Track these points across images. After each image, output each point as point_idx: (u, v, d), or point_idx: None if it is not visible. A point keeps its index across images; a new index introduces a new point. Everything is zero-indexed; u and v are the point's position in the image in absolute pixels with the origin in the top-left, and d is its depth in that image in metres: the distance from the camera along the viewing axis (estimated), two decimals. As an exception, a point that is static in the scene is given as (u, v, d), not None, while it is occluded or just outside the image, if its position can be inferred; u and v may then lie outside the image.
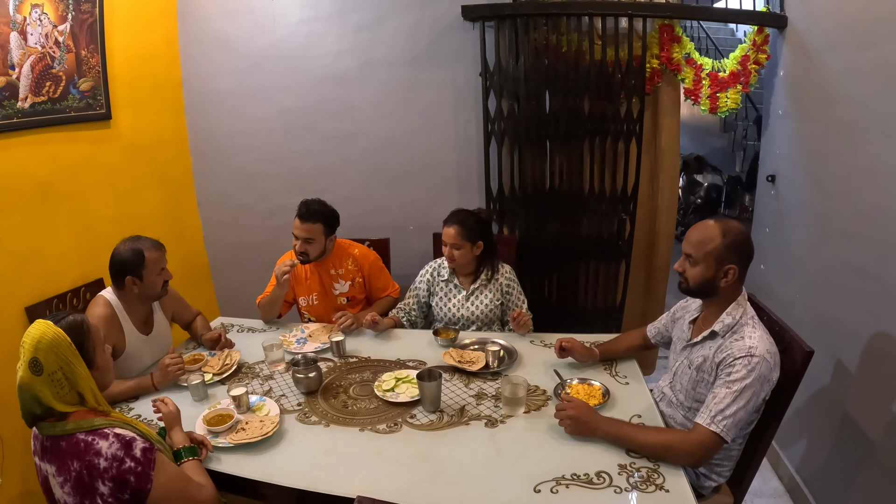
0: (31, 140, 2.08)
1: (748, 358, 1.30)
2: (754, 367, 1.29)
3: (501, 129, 2.59)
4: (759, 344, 1.32)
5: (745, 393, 1.29)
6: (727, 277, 1.39)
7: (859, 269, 1.83)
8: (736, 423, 1.28)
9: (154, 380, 1.71)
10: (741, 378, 1.29)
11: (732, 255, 1.38)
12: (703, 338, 1.46)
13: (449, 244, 2.06)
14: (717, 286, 1.41)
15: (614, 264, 2.73)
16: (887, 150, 1.67)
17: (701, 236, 1.40)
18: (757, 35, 2.40)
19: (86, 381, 1.12)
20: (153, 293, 1.81)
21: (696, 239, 1.41)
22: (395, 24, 2.64)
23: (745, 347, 1.32)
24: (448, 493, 1.26)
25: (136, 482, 1.06)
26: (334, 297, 2.27)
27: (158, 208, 2.78)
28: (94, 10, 2.29)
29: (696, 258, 1.41)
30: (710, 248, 1.38)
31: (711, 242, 1.38)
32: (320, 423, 1.54)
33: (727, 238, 1.37)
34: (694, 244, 1.41)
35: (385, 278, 2.37)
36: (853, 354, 1.85)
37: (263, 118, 2.88)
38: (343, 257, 2.28)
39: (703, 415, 1.30)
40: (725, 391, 1.30)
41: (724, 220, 1.42)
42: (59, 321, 1.12)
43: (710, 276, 1.40)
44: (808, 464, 2.14)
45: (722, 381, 1.32)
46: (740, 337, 1.36)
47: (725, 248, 1.37)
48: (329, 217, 2.16)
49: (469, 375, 1.76)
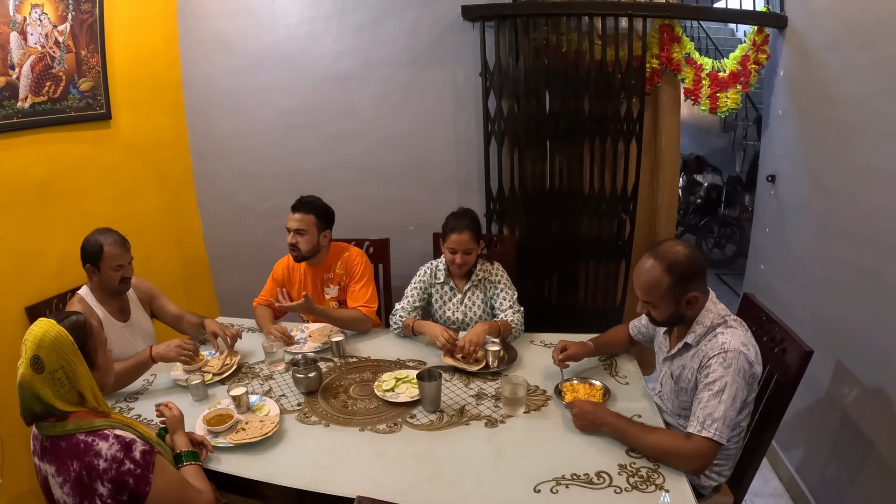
0: (31, 140, 2.08)
1: (722, 355, 1.30)
2: (731, 363, 1.29)
3: (501, 129, 2.58)
4: (731, 339, 1.32)
5: (727, 390, 1.27)
6: (692, 304, 1.38)
7: (859, 269, 1.83)
8: (727, 423, 1.26)
9: (153, 351, 1.74)
10: (720, 377, 1.29)
11: (687, 284, 1.35)
12: (679, 350, 1.46)
13: (461, 250, 2.00)
14: (685, 314, 1.40)
15: (614, 264, 2.73)
16: (887, 150, 1.67)
17: (647, 281, 1.37)
18: (757, 35, 2.40)
19: (86, 381, 1.12)
20: (109, 286, 1.85)
21: (644, 285, 1.38)
22: (394, 24, 2.64)
23: (718, 345, 1.32)
24: (448, 493, 1.26)
25: (135, 484, 1.06)
26: (326, 301, 2.24)
27: (158, 208, 2.78)
28: (94, 10, 2.29)
29: (652, 303, 1.40)
30: (661, 291, 1.36)
31: (660, 286, 1.35)
32: (320, 423, 1.54)
33: (674, 274, 1.34)
34: (645, 291, 1.39)
35: (363, 289, 2.17)
36: (853, 354, 1.85)
37: (263, 118, 2.88)
38: (335, 261, 2.23)
39: (693, 423, 1.29)
40: (708, 394, 1.29)
41: (662, 252, 1.36)
42: (62, 320, 1.12)
43: (675, 310, 1.39)
44: (808, 464, 2.14)
45: (703, 385, 1.31)
46: (713, 337, 1.36)
47: (676, 285, 1.34)
48: (323, 211, 2.13)
49: (469, 375, 1.76)
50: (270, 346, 1.85)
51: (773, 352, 1.54)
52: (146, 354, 1.74)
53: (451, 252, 2.02)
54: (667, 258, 1.35)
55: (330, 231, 2.19)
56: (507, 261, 2.41)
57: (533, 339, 2.00)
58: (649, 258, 1.38)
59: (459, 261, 2.02)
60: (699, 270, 1.37)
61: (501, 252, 2.54)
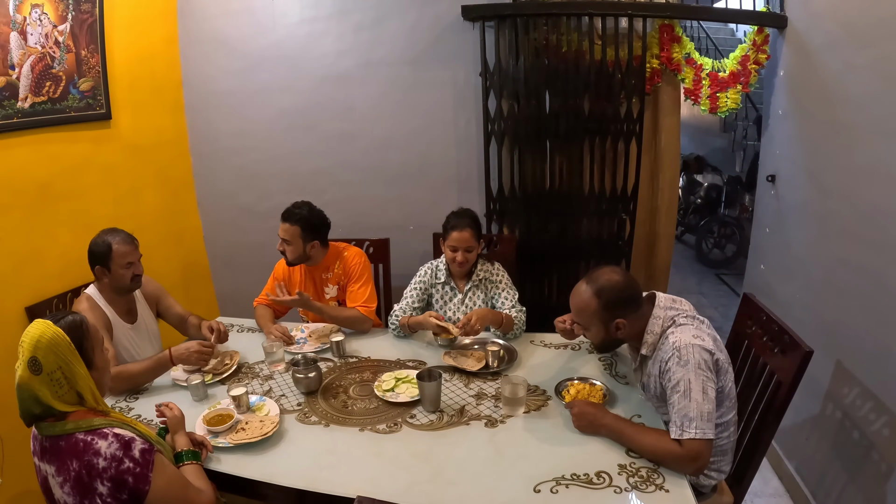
0: (31, 140, 2.08)
1: (675, 355, 1.31)
2: (687, 359, 1.29)
3: (501, 129, 2.59)
4: (680, 336, 1.33)
5: (693, 387, 1.27)
6: (621, 330, 1.42)
7: (859, 269, 1.83)
8: (704, 418, 1.25)
9: (173, 353, 1.74)
10: (681, 377, 1.29)
11: (615, 310, 1.40)
12: (639, 363, 1.50)
13: (462, 248, 1.99)
14: (617, 338, 1.44)
15: (614, 264, 2.72)
16: (887, 150, 1.67)
17: (578, 303, 1.44)
18: (757, 35, 2.40)
19: (85, 381, 1.12)
20: (121, 285, 1.85)
21: (575, 307, 1.45)
22: (395, 25, 2.64)
23: (670, 346, 1.34)
24: (448, 493, 1.26)
25: (134, 483, 1.06)
26: (325, 301, 2.24)
27: (158, 208, 2.78)
28: (94, 10, 2.29)
29: (583, 325, 1.46)
30: (590, 314, 1.41)
31: (588, 308, 1.41)
32: (320, 423, 1.54)
33: (602, 299, 1.39)
34: (575, 312, 1.46)
35: (361, 288, 2.17)
36: (853, 354, 1.85)
37: (263, 118, 2.88)
38: (334, 262, 2.23)
39: (673, 429, 1.28)
40: (676, 396, 1.29)
41: (596, 277, 1.42)
42: (59, 321, 1.11)
43: (605, 335, 1.44)
44: (808, 464, 2.14)
45: (670, 390, 1.32)
46: (665, 341, 1.38)
47: (604, 309, 1.39)
48: (308, 221, 2.08)
49: (469, 375, 1.76)
50: (270, 346, 1.85)
51: (773, 352, 1.54)
52: (166, 357, 1.74)
53: (452, 250, 2.02)
54: (598, 283, 1.41)
55: (319, 241, 2.15)
56: (507, 261, 2.41)
57: (533, 339, 2.00)
58: (584, 283, 1.44)
59: (460, 259, 2.01)
60: (629, 298, 1.42)
61: (501, 252, 2.54)
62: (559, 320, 1.77)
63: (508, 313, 1.98)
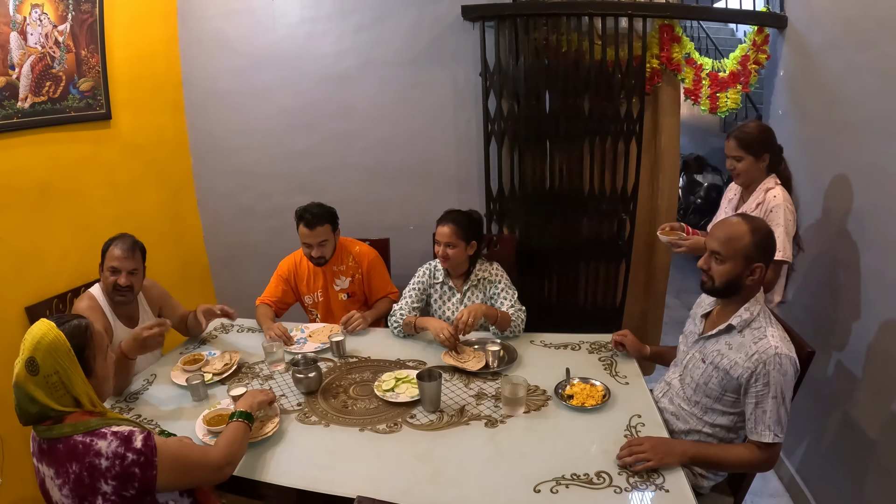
0: (31, 140, 2.08)
1: (777, 361, 1.31)
2: (787, 369, 1.31)
3: (501, 129, 2.59)
4: (781, 344, 1.33)
5: (787, 396, 1.32)
6: (754, 275, 1.37)
7: (859, 269, 1.83)
8: (786, 424, 1.33)
9: (123, 348, 1.63)
10: (780, 384, 1.31)
11: (761, 253, 1.36)
12: (719, 331, 1.44)
13: (443, 243, 2.02)
14: (743, 284, 1.39)
15: (614, 264, 2.73)
16: (887, 150, 1.67)
17: (729, 233, 1.38)
18: (757, 35, 2.40)
19: (82, 388, 1.10)
20: (104, 287, 1.83)
21: (724, 236, 1.38)
22: (394, 25, 2.64)
23: (771, 349, 1.32)
24: (448, 493, 1.26)
25: (142, 472, 1.06)
26: (336, 292, 2.29)
27: (158, 208, 2.78)
28: (94, 10, 2.29)
29: (724, 256, 1.38)
30: (739, 246, 1.36)
31: (741, 240, 1.36)
32: (320, 423, 1.54)
33: (756, 236, 1.35)
34: (722, 241, 1.38)
35: (383, 278, 2.37)
36: (853, 354, 1.85)
37: (263, 118, 2.88)
38: (344, 254, 2.30)
39: (765, 433, 1.31)
40: (772, 402, 1.31)
41: (750, 217, 1.41)
42: (63, 324, 1.10)
43: (738, 275, 1.38)
44: (808, 464, 2.14)
45: (763, 392, 1.32)
46: (762, 335, 1.35)
47: (755, 247, 1.35)
48: (331, 215, 2.21)
49: (469, 375, 1.76)
50: (270, 345, 1.85)
51: (773, 352, 1.54)
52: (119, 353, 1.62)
53: (437, 244, 2.06)
54: (755, 222, 1.39)
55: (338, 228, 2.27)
56: (507, 261, 2.41)
57: (533, 339, 2.00)
58: (736, 217, 1.41)
59: (441, 253, 2.04)
60: (773, 251, 1.41)
61: (501, 252, 2.54)
62: (618, 335, 1.83)
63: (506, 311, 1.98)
